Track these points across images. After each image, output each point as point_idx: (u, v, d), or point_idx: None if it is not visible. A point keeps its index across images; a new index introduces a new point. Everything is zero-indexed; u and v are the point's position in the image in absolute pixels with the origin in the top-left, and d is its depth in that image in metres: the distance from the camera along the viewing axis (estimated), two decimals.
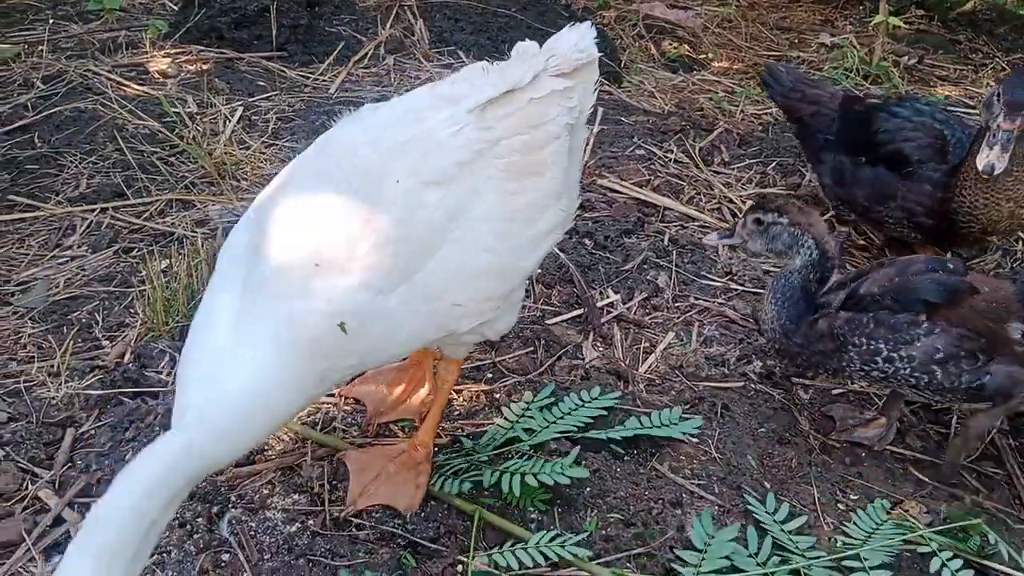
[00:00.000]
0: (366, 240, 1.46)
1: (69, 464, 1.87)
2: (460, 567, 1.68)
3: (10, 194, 2.87)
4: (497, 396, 2.18)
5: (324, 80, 3.93)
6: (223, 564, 1.65)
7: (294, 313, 1.42)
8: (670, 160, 3.34)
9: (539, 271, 2.66)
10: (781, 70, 3.25)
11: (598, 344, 2.40)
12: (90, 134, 3.21)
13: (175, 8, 4.29)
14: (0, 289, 2.44)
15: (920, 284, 2.00)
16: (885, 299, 1.99)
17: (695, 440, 2.05)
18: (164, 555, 1.66)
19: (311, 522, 1.75)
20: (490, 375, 2.24)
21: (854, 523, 1.83)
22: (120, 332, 2.26)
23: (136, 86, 3.61)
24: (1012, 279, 2.05)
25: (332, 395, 2.12)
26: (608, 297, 2.56)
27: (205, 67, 3.88)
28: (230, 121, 3.39)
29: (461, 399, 2.16)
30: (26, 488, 1.81)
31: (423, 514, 1.80)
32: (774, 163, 3.41)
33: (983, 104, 2.38)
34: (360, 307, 1.44)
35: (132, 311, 2.32)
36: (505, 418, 2.04)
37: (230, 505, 1.77)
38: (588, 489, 1.86)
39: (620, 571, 1.67)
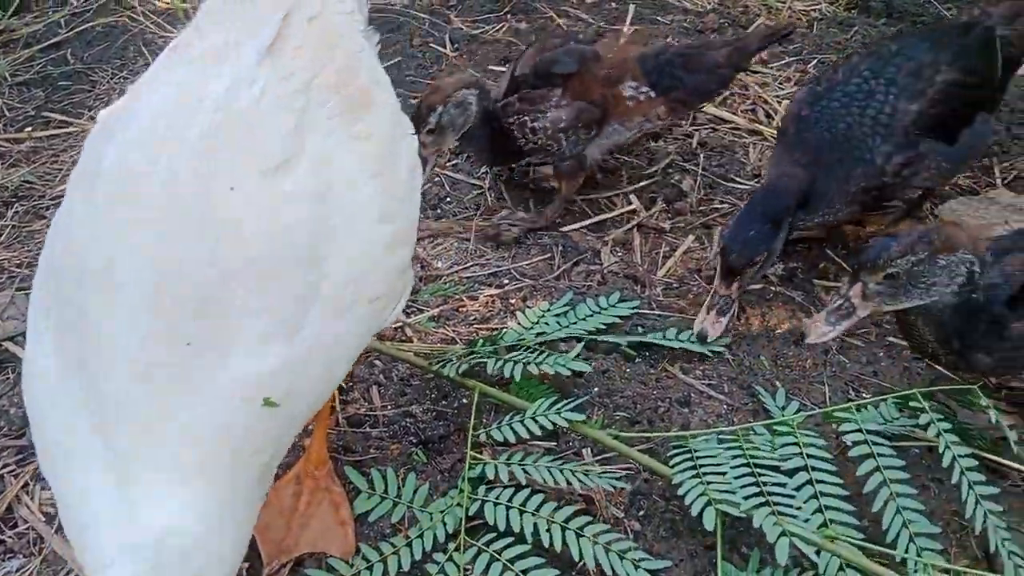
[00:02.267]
0: (236, 282, 1.07)
1: None
2: (468, 462, 1.73)
3: (44, 111, 2.94)
4: (512, 302, 2.20)
5: None
6: None
7: (193, 425, 1.04)
8: None
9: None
10: None
11: (617, 249, 2.39)
12: (120, 48, 3.25)
13: None
14: (36, 204, 2.54)
15: (556, 57, 2.28)
16: (531, 77, 2.28)
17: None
18: None
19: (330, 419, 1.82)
20: (506, 281, 2.26)
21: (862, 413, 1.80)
22: None
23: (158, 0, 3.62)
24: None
25: None
26: (630, 204, 2.53)
27: None
28: None
29: (476, 305, 2.19)
30: None
31: (435, 413, 1.85)
32: (815, 60, 3.25)
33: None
34: (276, 368, 1.09)
35: None
36: (519, 323, 2.06)
37: None
38: (596, 389, 1.89)
39: (616, 432, 1.70)
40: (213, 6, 1.34)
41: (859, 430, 1.58)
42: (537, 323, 2.05)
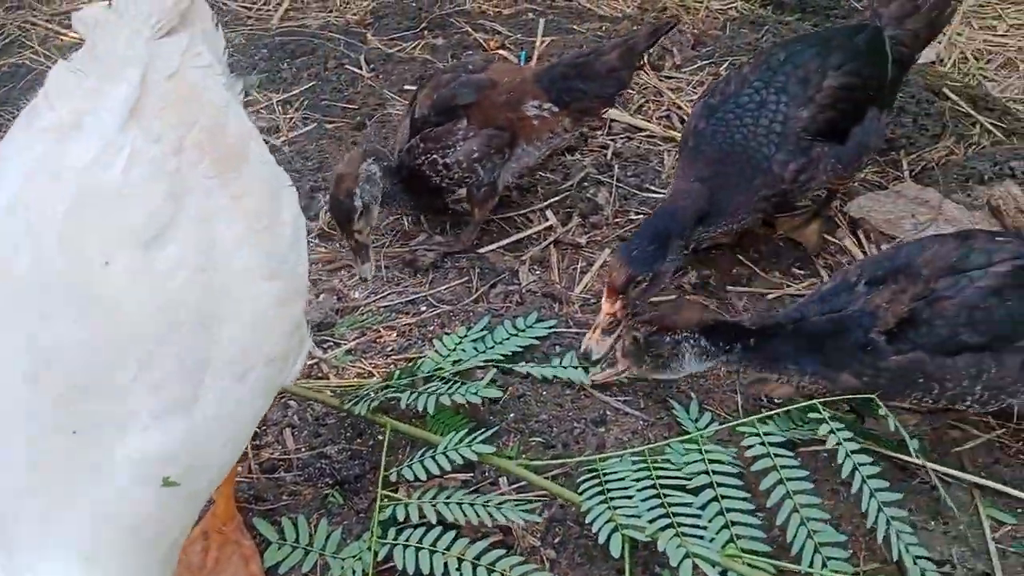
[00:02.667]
0: (122, 361, 1.05)
1: None
2: (385, 500, 1.72)
3: None
4: (430, 329, 2.19)
5: (267, 10, 3.82)
6: None
7: (89, 516, 1.01)
8: None
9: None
10: None
11: (535, 268, 2.39)
12: (25, 90, 3.17)
13: None
14: None
15: (454, 91, 2.29)
16: (431, 116, 2.29)
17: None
18: None
19: (239, 467, 1.79)
20: (423, 308, 2.25)
21: (775, 421, 1.82)
22: None
23: (73, 34, 3.54)
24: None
25: None
26: (547, 220, 2.53)
27: None
28: None
29: (393, 335, 2.17)
30: None
31: (349, 453, 1.84)
32: (727, 63, 3.29)
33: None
34: (174, 444, 1.07)
35: None
36: (436, 352, 2.05)
37: None
38: (512, 415, 1.89)
39: (526, 463, 1.71)
40: (59, 73, 1.28)
41: (762, 443, 1.60)
42: (454, 350, 2.04)
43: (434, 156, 2.30)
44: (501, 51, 3.45)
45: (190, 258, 1.14)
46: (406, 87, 3.18)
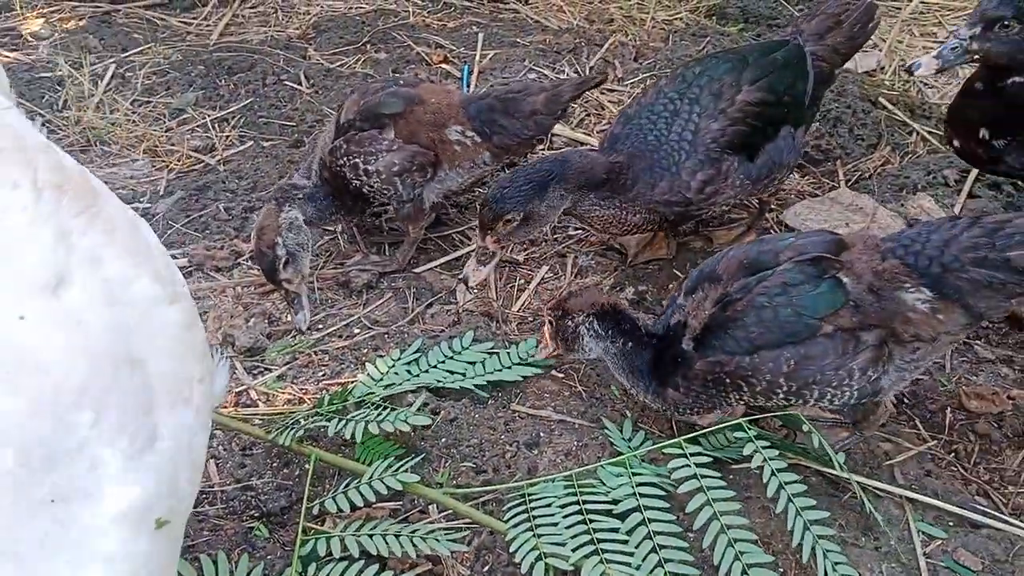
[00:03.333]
0: (73, 417, 1.01)
1: None
2: (310, 533, 1.68)
3: None
4: (364, 352, 2.14)
5: (207, 26, 3.76)
6: None
7: None
8: None
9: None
10: None
11: (472, 287, 2.36)
12: None
13: None
14: None
15: (382, 100, 2.30)
16: (357, 121, 2.29)
17: (561, 375, 2.04)
18: None
19: None
20: (356, 330, 2.21)
21: (707, 440, 1.82)
22: None
23: (7, 53, 3.45)
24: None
25: None
26: None
27: (82, 23, 3.71)
28: (101, 82, 3.24)
29: (326, 359, 2.13)
30: None
31: (275, 484, 1.79)
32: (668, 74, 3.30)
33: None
34: (155, 481, 1.05)
35: None
36: (369, 376, 2.01)
37: None
38: (443, 440, 1.85)
39: (452, 491, 1.68)
40: None
41: (688, 464, 1.58)
42: (387, 374, 2.00)
43: (356, 160, 2.28)
44: (444, 65, 3.42)
45: (98, 298, 1.10)
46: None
